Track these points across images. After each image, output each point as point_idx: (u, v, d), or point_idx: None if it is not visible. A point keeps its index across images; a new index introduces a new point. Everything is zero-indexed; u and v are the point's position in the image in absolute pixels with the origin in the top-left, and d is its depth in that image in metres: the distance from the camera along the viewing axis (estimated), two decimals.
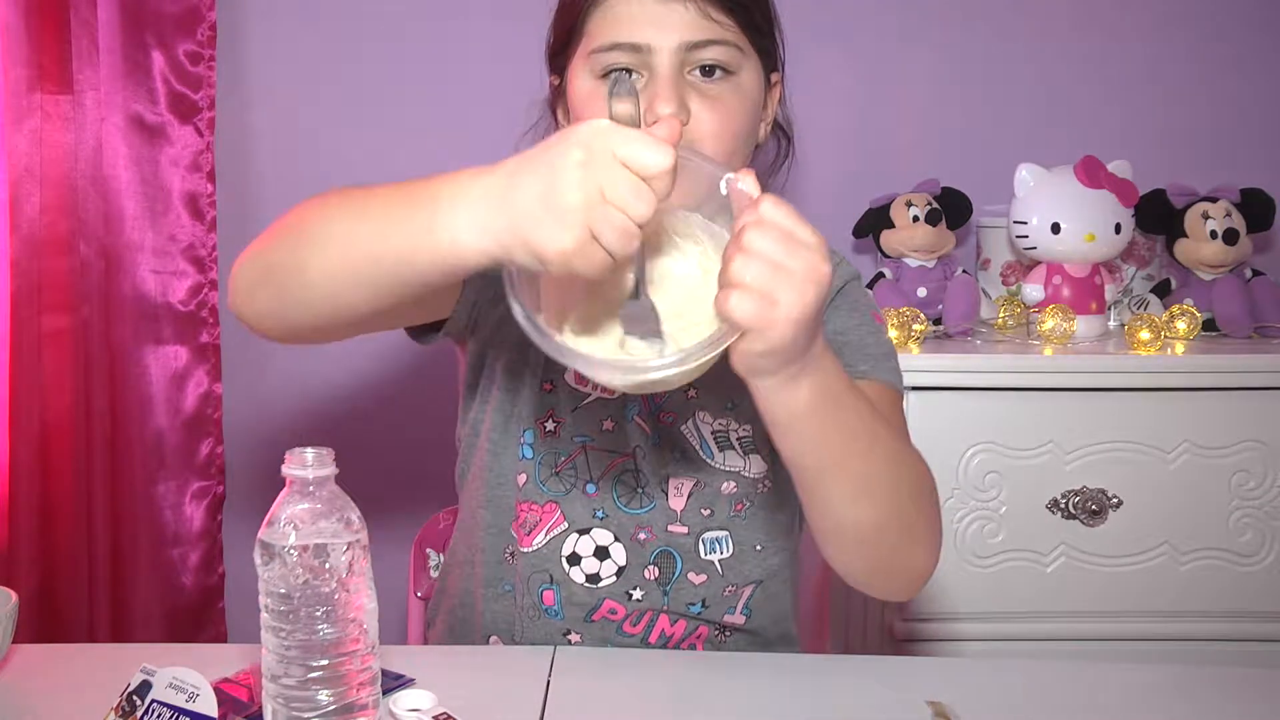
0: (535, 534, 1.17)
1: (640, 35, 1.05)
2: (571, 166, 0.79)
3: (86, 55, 1.85)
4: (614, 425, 1.16)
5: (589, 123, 0.80)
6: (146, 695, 0.91)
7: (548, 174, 0.80)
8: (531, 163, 0.82)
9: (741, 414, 1.17)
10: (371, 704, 0.89)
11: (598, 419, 1.16)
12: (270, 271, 0.96)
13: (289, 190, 2.02)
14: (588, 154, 0.78)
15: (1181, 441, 1.66)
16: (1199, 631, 1.68)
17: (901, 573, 1.04)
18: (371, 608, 0.89)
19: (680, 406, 1.16)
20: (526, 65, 2.02)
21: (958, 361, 1.65)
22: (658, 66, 1.05)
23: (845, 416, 0.93)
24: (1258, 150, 2.04)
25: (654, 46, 1.05)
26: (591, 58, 1.07)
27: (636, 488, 1.16)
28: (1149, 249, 1.89)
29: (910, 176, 1.89)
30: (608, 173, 0.78)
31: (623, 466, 1.16)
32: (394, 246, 0.87)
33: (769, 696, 1.04)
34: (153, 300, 1.96)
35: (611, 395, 1.16)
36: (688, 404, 1.16)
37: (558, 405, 1.16)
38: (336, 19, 2.00)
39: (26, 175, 1.82)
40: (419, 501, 2.05)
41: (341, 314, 0.94)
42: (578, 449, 1.16)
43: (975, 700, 1.01)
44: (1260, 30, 2.04)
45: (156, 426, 1.98)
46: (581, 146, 0.79)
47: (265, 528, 0.86)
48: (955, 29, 2.03)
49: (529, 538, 1.17)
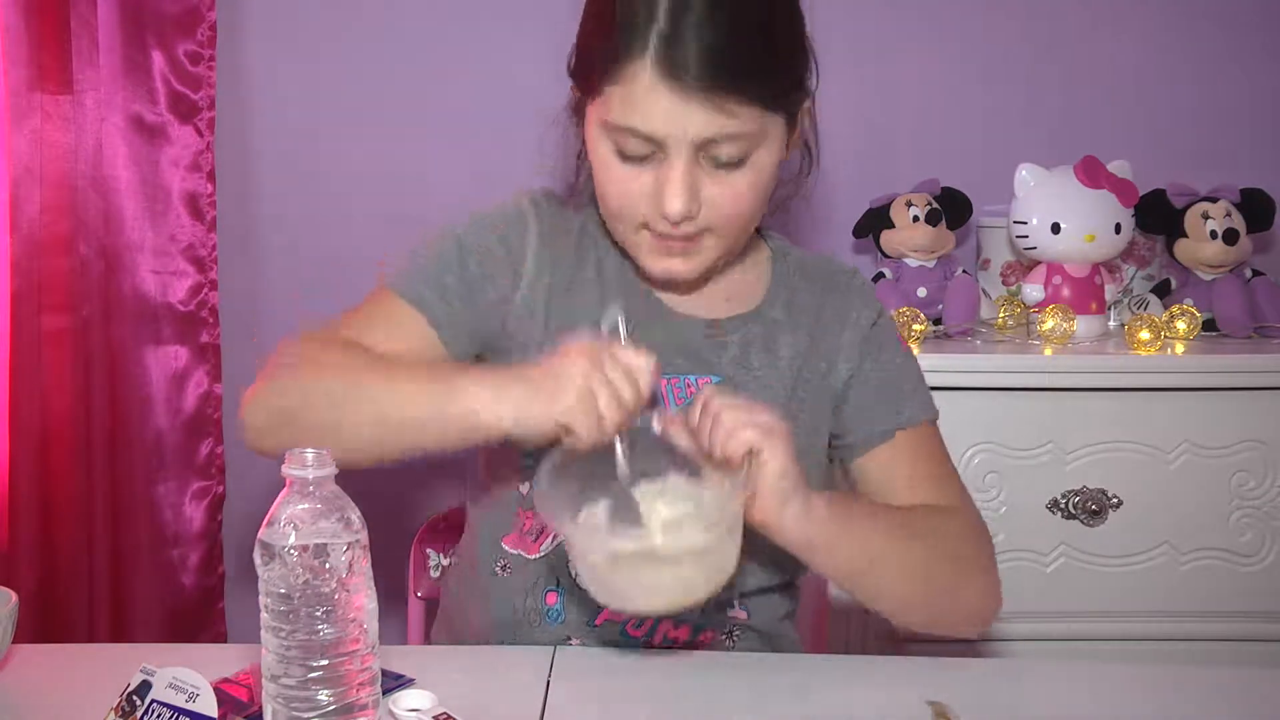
0: (542, 540, 1.17)
1: (656, 128, 1.04)
2: (575, 357, 0.98)
3: (86, 55, 1.85)
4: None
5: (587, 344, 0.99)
6: (146, 695, 0.91)
7: (557, 363, 0.99)
8: (538, 365, 1.01)
9: None
10: (371, 704, 0.89)
11: None
12: (292, 420, 1.06)
13: (289, 190, 2.02)
14: (589, 355, 0.98)
15: (1181, 441, 1.66)
16: (1199, 631, 1.68)
17: (960, 619, 1.16)
18: (371, 608, 0.89)
19: None
20: (526, 65, 2.03)
21: (958, 361, 1.65)
22: (672, 157, 1.05)
23: (861, 513, 1.09)
24: (1258, 150, 2.04)
25: (669, 141, 1.05)
26: (608, 127, 1.07)
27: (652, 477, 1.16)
28: (1149, 249, 1.89)
29: (910, 176, 1.89)
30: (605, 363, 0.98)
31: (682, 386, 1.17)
32: (415, 417, 1.03)
33: (769, 696, 1.04)
34: (153, 300, 1.96)
35: None
36: None
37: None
38: (336, 19, 2.00)
39: (26, 175, 1.82)
40: (419, 501, 2.06)
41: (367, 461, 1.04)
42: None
43: (975, 700, 1.01)
44: (1260, 30, 2.04)
45: (156, 426, 1.98)
46: (582, 352, 0.98)
47: (265, 528, 0.86)
48: (955, 29, 2.03)
49: (536, 544, 1.17)
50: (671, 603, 0.98)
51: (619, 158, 1.08)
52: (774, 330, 1.20)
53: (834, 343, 1.20)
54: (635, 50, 1.02)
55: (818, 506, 1.01)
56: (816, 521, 1.01)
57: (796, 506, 1.00)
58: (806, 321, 1.21)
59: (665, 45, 1.01)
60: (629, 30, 1.02)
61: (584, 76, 1.10)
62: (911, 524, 1.12)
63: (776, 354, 1.19)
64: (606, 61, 1.04)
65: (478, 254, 1.16)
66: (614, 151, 1.08)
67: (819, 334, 1.20)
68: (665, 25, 1.01)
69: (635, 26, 1.02)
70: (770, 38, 1.06)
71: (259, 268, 2.04)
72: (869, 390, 1.20)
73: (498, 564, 1.21)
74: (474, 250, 1.16)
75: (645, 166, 1.07)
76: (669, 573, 0.96)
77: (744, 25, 1.03)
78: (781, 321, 1.20)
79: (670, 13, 1.02)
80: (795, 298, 1.22)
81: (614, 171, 1.09)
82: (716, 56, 1.01)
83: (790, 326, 1.20)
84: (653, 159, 1.07)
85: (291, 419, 1.06)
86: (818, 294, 1.22)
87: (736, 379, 1.18)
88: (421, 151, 2.02)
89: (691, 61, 1.01)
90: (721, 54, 1.01)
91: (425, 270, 1.16)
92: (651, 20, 1.02)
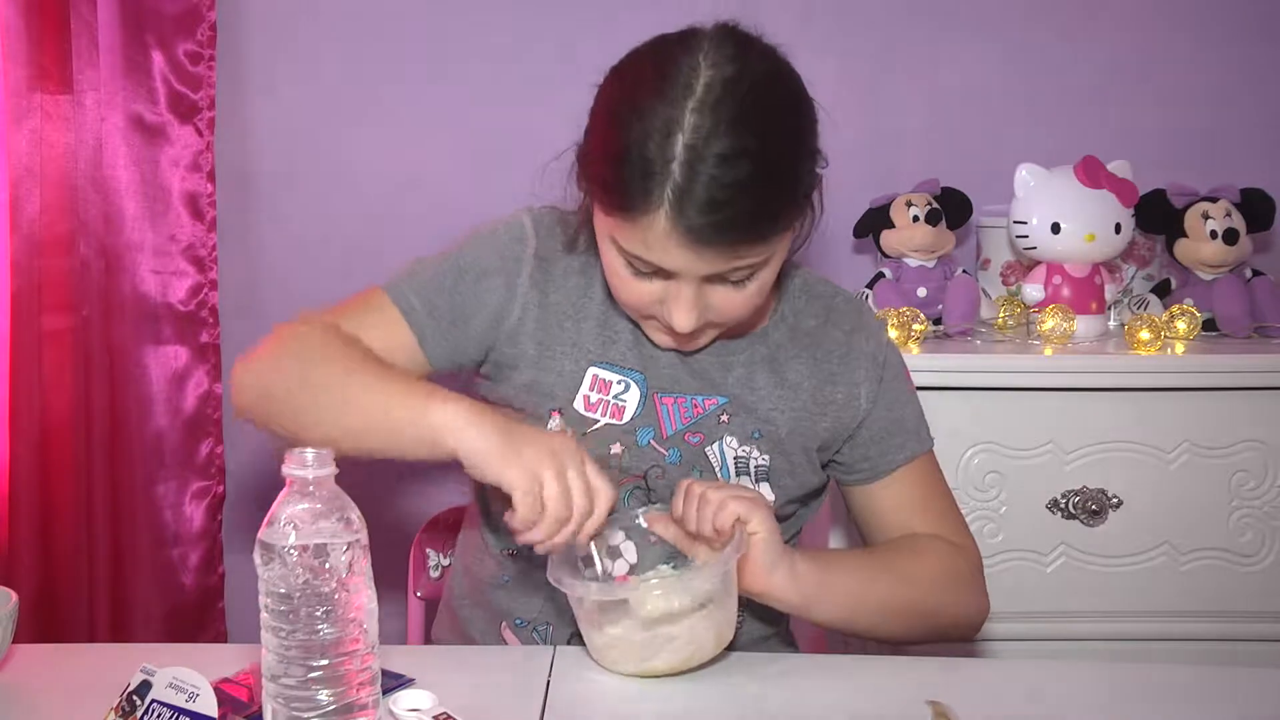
0: None
1: (668, 264, 1.05)
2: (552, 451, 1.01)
3: (86, 55, 1.85)
4: (624, 450, 1.18)
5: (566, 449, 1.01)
6: (146, 695, 0.91)
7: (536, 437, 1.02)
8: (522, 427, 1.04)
9: (763, 445, 1.20)
10: (371, 704, 0.89)
11: (606, 444, 1.18)
12: (276, 399, 1.11)
13: (289, 190, 2.02)
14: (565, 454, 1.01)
15: (1181, 441, 1.66)
16: (1199, 631, 1.68)
17: (952, 632, 1.23)
18: (371, 608, 0.89)
19: (711, 429, 1.19)
20: (526, 65, 2.03)
21: (958, 361, 1.65)
22: (682, 283, 1.06)
23: (839, 565, 1.17)
24: (1258, 150, 2.04)
25: (680, 274, 1.06)
26: (617, 245, 1.07)
27: (647, 501, 1.19)
28: (1149, 249, 1.89)
29: (910, 176, 1.89)
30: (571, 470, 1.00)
31: (633, 485, 1.19)
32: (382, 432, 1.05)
33: (769, 696, 1.04)
34: (153, 300, 1.96)
35: (620, 421, 1.18)
36: (718, 428, 1.19)
37: (567, 430, 1.18)
38: (336, 19, 2.00)
39: (26, 175, 1.82)
40: (419, 501, 2.06)
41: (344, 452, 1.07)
42: None
43: (975, 700, 1.01)
44: (1260, 30, 2.04)
45: (156, 426, 1.98)
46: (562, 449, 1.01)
47: (265, 528, 0.86)
48: (955, 29, 2.03)
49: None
50: (677, 668, 1.05)
51: (628, 269, 1.08)
52: (778, 353, 1.22)
53: (849, 375, 1.23)
54: (650, 202, 1.01)
55: (801, 567, 1.09)
56: (801, 582, 1.09)
57: (783, 571, 1.07)
58: (810, 346, 1.23)
59: (679, 200, 1.00)
60: (643, 179, 1.01)
61: (593, 193, 1.09)
62: (890, 564, 1.19)
63: (783, 376, 1.21)
64: (619, 198, 1.03)
65: (473, 274, 1.18)
66: (624, 263, 1.08)
67: (822, 358, 1.23)
68: (680, 178, 0.99)
69: (650, 176, 1.00)
70: (783, 179, 1.04)
71: (259, 268, 2.04)
72: (880, 426, 1.24)
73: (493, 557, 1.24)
74: (469, 270, 1.18)
75: (651, 280, 1.08)
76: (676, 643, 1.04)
77: (757, 175, 1.01)
78: (785, 345, 1.23)
79: (685, 165, 0.99)
80: (800, 322, 1.24)
81: (622, 279, 1.10)
82: (730, 216, 1.00)
83: (794, 351, 1.22)
84: (657, 276, 1.08)
85: (277, 399, 1.10)
86: (821, 319, 1.24)
87: (742, 399, 1.20)
88: (421, 151, 2.02)
89: (705, 223, 1.00)
90: (734, 213, 1.00)
91: (421, 284, 1.18)
92: (666, 174, 1.00)
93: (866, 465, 1.25)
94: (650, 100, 1.01)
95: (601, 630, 1.05)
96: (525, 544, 1.02)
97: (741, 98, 1.00)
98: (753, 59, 1.04)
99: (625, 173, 1.01)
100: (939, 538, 1.23)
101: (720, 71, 1.01)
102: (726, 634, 1.06)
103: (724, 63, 1.02)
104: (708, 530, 1.06)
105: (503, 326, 1.18)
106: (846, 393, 1.22)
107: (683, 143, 0.99)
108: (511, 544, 1.22)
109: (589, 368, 1.18)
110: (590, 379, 1.18)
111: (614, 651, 1.05)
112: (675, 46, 1.05)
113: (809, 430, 1.21)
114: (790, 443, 1.21)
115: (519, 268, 1.18)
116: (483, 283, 1.18)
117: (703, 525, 1.06)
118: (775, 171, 1.02)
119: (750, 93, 1.01)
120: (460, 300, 1.17)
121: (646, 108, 1.01)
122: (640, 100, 1.02)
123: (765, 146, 1.01)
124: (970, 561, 1.24)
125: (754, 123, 1.00)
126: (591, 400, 1.18)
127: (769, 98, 1.03)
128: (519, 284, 1.18)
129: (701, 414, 1.19)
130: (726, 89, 1.00)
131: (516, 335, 1.18)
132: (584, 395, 1.18)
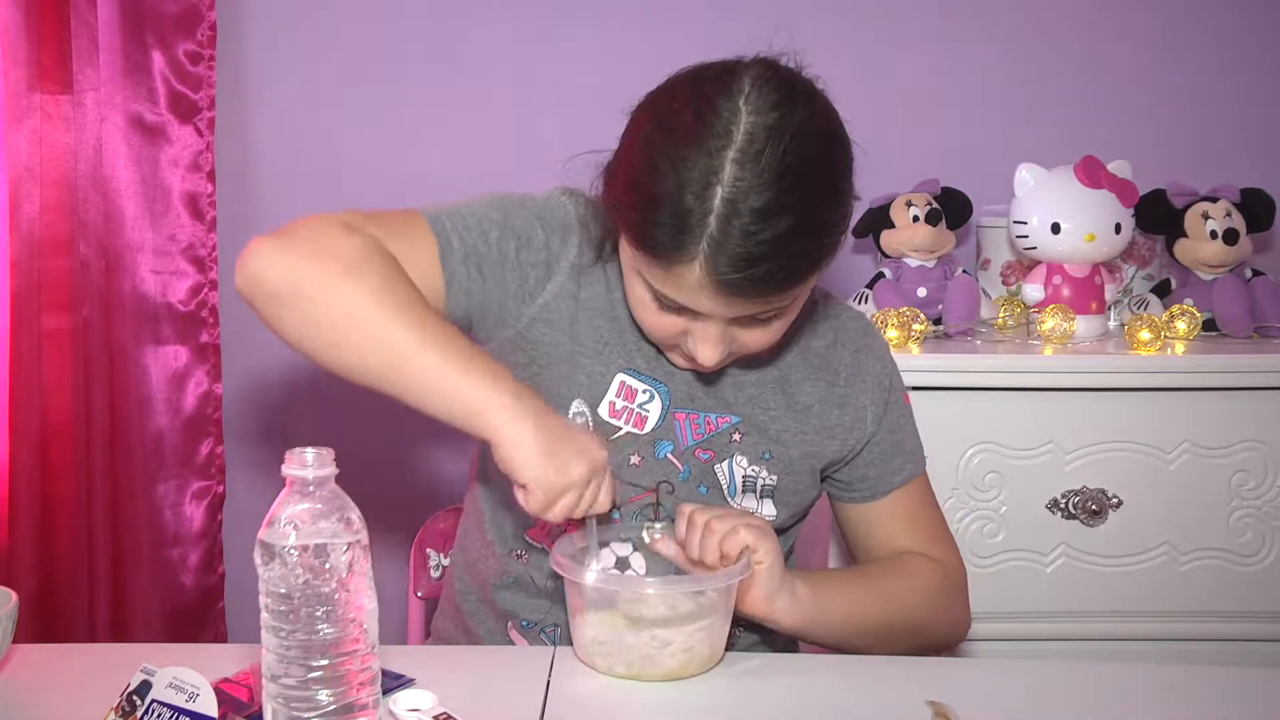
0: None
1: (695, 307, 1.04)
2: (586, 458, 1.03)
3: (86, 55, 1.85)
4: (641, 461, 1.18)
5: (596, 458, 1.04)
6: (146, 695, 0.91)
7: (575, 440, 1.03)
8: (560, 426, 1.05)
9: (773, 465, 1.21)
10: (371, 704, 0.89)
11: (625, 454, 1.18)
12: (295, 302, 1.04)
13: (289, 190, 2.02)
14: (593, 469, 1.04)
15: (1181, 441, 1.66)
16: (1199, 631, 1.68)
17: (935, 646, 1.26)
18: (371, 608, 0.89)
19: (722, 447, 1.20)
20: (526, 65, 2.03)
21: (958, 361, 1.65)
22: (708, 323, 1.06)
23: (835, 587, 1.18)
24: (1258, 150, 2.04)
25: (709, 316, 1.06)
26: (644, 280, 1.06)
27: (655, 520, 1.19)
28: (1149, 249, 1.89)
29: (910, 176, 1.89)
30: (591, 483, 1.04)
31: (644, 501, 1.19)
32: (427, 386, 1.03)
33: (769, 696, 1.04)
34: (153, 300, 1.96)
35: (641, 431, 1.18)
36: (729, 446, 1.20)
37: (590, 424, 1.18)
38: (336, 19, 2.00)
39: (26, 175, 1.82)
40: (419, 501, 2.05)
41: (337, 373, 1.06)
42: None
43: (975, 700, 1.01)
44: (1260, 31, 2.04)
45: (156, 426, 1.98)
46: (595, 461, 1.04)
47: (265, 528, 0.86)
48: (955, 29, 2.03)
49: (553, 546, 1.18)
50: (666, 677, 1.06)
51: (655, 301, 1.07)
52: (789, 374, 1.23)
53: (856, 398, 1.24)
54: (684, 253, 0.99)
55: (801, 592, 1.12)
56: (801, 606, 1.11)
57: (785, 597, 1.10)
58: (820, 368, 1.24)
59: (714, 253, 0.98)
60: (679, 231, 0.99)
61: (623, 224, 1.06)
62: (881, 584, 1.22)
63: (793, 398, 1.22)
64: (652, 243, 1.01)
65: (519, 239, 1.14)
66: (651, 296, 1.07)
67: (832, 380, 1.24)
68: (716, 232, 0.98)
69: (686, 229, 0.98)
70: (821, 231, 1.02)
71: None
72: (882, 448, 1.26)
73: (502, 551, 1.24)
74: (517, 235, 1.14)
75: (677, 315, 1.08)
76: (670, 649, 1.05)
77: (796, 230, 0.99)
78: (797, 366, 1.23)
79: (721, 219, 0.98)
80: (811, 343, 1.24)
81: (648, 310, 1.09)
82: (765, 271, 0.99)
83: (805, 373, 1.23)
84: (684, 312, 1.07)
85: (303, 301, 1.03)
86: (830, 340, 1.25)
87: (754, 419, 1.21)
88: (421, 151, 2.02)
89: (740, 278, 0.99)
90: (770, 268, 0.99)
91: (464, 223, 1.13)
92: (703, 227, 0.98)
93: (865, 485, 1.26)
94: (688, 148, 0.99)
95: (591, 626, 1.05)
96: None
97: (783, 150, 0.98)
98: (795, 104, 1.01)
99: (660, 219, 0.99)
100: (927, 557, 1.26)
101: (762, 119, 0.99)
102: (719, 651, 1.07)
103: (765, 110, 0.99)
104: (711, 558, 1.06)
105: (530, 305, 1.15)
106: (854, 415, 1.24)
107: (721, 196, 0.97)
108: (520, 544, 1.22)
109: (618, 373, 1.17)
110: (618, 385, 1.17)
111: (603, 648, 1.05)
112: (714, 87, 1.01)
113: (818, 453, 1.23)
114: (800, 464, 1.22)
115: (564, 251, 1.16)
116: (524, 253, 1.14)
117: (706, 553, 1.07)
118: (814, 224, 1.01)
119: (792, 143, 0.98)
120: (501, 256, 1.13)
121: (685, 156, 0.99)
122: (678, 147, 0.99)
123: (804, 200, 0.99)
124: (956, 580, 1.28)
125: (794, 176, 0.98)
126: (617, 407, 1.17)
127: (809, 148, 1.00)
128: (559, 268, 1.16)
129: (714, 431, 1.19)
130: (768, 139, 0.98)
131: (551, 320, 1.16)
132: (610, 401, 1.17)
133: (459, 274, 1.12)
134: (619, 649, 1.05)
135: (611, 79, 2.03)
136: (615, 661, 1.05)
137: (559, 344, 1.17)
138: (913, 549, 1.26)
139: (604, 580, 1.07)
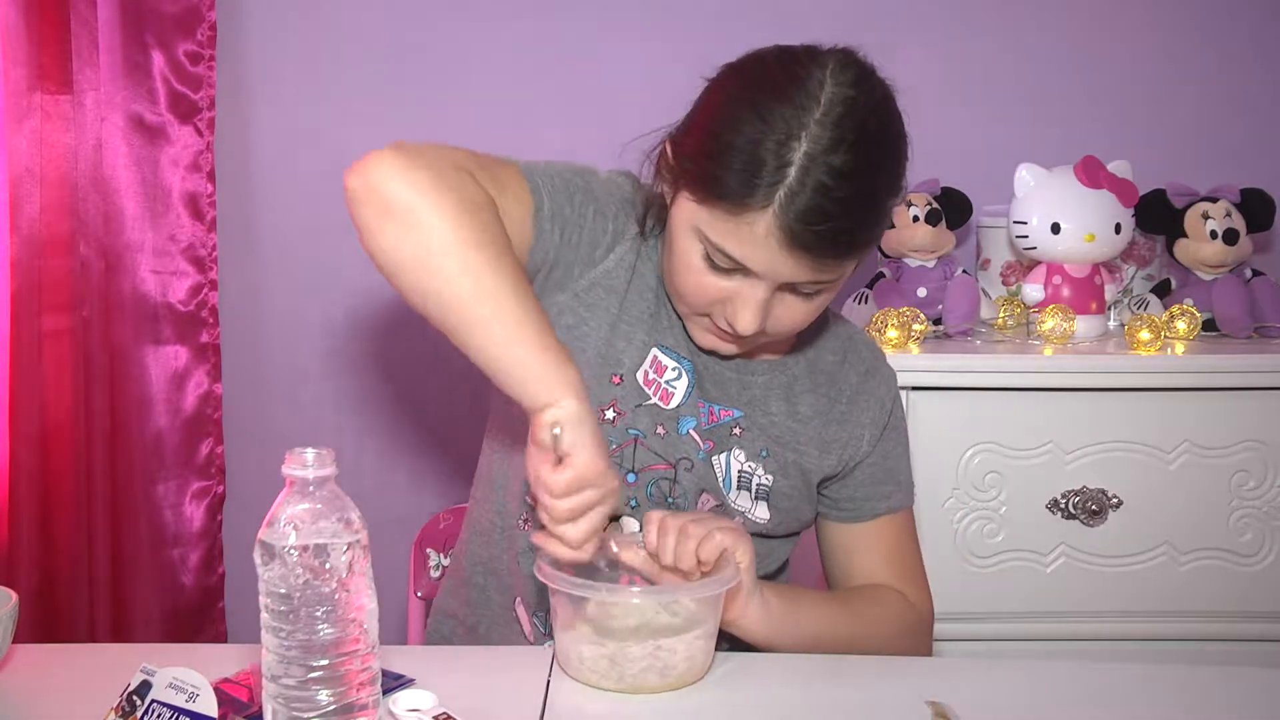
0: None
1: (754, 265, 1.06)
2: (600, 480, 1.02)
3: (86, 55, 1.85)
4: (665, 432, 1.19)
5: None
6: (146, 695, 0.91)
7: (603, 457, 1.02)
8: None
9: (770, 464, 1.22)
10: (371, 704, 0.89)
11: (654, 421, 1.19)
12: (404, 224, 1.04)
13: (289, 190, 2.02)
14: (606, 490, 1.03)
15: (1181, 441, 1.66)
16: (1199, 631, 1.68)
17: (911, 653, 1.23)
18: (371, 608, 0.89)
19: (722, 439, 1.21)
20: (526, 65, 2.03)
21: (958, 361, 1.65)
22: (756, 285, 1.07)
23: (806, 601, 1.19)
24: (1258, 150, 2.04)
25: (761, 275, 1.07)
26: (702, 235, 1.08)
27: (668, 496, 1.19)
28: (1149, 249, 1.89)
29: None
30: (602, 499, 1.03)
31: (661, 474, 1.19)
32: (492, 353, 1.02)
33: (770, 696, 1.04)
34: (153, 300, 1.96)
35: (667, 405, 1.19)
36: (730, 439, 1.21)
37: (622, 399, 1.19)
38: (337, 19, 2.00)
39: (26, 175, 1.82)
40: (419, 501, 2.06)
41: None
42: (630, 440, 1.19)
43: (975, 700, 1.01)
44: (1260, 30, 2.04)
45: (156, 426, 1.98)
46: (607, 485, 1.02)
47: (265, 528, 0.86)
48: (955, 29, 2.03)
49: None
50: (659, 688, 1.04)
51: (705, 262, 1.09)
52: (795, 384, 1.24)
53: (857, 417, 1.25)
54: (756, 199, 1.02)
55: (772, 601, 1.12)
56: (773, 615, 1.12)
57: (756, 603, 1.10)
58: (825, 384, 1.25)
59: (788, 203, 1.02)
60: (755, 176, 1.02)
61: (691, 179, 1.08)
62: (850, 607, 1.22)
63: (795, 408, 1.23)
64: (725, 190, 1.04)
65: (596, 204, 1.17)
66: (702, 255, 1.09)
67: (835, 398, 1.25)
68: (794, 183, 1.01)
69: (763, 174, 1.02)
70: (880, 207, 1.08)
71: (259, 268, 2.04)
72: (873, 472, 1.26)
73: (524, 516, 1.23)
74: (596, 200, 1.17)
75: (726, 277, 1.09)
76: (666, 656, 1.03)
77: (863, 196, 1.04)
78: (803, 378, 1.25)
79: (801, 170, 1.01)
80: (819, 358, 1.26)
81: (694, 272, 1.10)
82: (831, 229, 1.03)
83: (810, 385, 1.24)
84: (735, 273, 1.08)
85: (407, 222, 1.04)
86: (839, 358, 1.26)
87: (751, 418, 1.22)
88: None
89: (807, 231, 1.02)
90: (835, 227, 1.03)
91: (552, 184, 1.15)
92: (781, 176, 1.01)
93: (851, 506, 1.27)
94: (776, 103, 1.03)
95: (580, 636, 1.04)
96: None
97: (863, 121, 1.04)
98: (874, 85, 1.08)
99: (739, 166, 1.03)
100: (900, 594, 1.26)
101: (845, 91, 1.04)
102: (709, 659, 1.07)
103: (848, 85, 1.05)
104: (687, 564, 1.06)
105: (592, 270, 1.18)
106: (851, 434, 1.25)
107: (803, 150, 1.01)
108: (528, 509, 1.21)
109: (653, 347, 1.20)
110: (651, 357, 1.20)
111: (596, 664, 1.03)
112: (803, 57, 1.07)
113: (814, 466, 1.24)
114: (794, 469, 1.23)
115: (628, 225, 1.19)
116: (599, 220, 1.17)
117: (682, 559, 1.06)
118: (876, 197, 1.06)
119: (871, 118, 1.05)
120: (579, 222, 1.16)
121: (771, 109, 1.03)
122: (764, 101, 1.04)
123: (874, 172, 1.05)
124: (924, 621, 1.28)
125: (869, 148, 1.04)
126: (649, 376, 1.19)
127: (883, 128, 1.07)
128: (624, 239, 1.19)
129: (717, 422, 1.20)
130: (849, 109, 1.03)
131: (610, 283, 1.18)
132: (644, 370, 1.19)
133: (545, 233, 1.14)
134: (617, 664, 1.02)
135: (612, 79, 2.03)
136: (605, 678, 1.03)
137: (610, 309, 1.19)
138: (889, 583, 1.27)
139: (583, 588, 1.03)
